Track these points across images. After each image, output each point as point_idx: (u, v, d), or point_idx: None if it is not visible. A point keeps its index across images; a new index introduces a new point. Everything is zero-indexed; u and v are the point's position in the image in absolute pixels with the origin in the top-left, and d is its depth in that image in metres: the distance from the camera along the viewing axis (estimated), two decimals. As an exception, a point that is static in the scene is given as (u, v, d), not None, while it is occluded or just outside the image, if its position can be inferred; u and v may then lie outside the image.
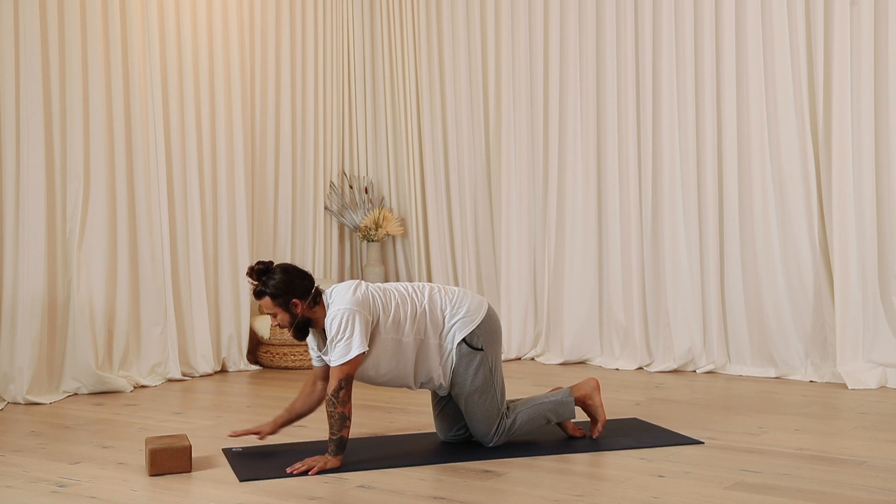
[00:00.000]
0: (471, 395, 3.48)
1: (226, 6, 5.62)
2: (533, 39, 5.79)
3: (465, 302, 3.51)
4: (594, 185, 5.63)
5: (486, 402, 3.49)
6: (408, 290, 3.49)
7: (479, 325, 3.48)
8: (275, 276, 3.36)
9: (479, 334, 3.48)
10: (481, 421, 3.50)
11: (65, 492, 3.09)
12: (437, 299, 3.49)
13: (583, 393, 3.69)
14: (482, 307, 3.53)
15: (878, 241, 4.83)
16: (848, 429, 3.88)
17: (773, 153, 5.07)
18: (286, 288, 3.34)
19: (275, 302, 3.35)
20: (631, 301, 5.50)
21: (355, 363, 3.29)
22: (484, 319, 3.50)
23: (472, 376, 3.46)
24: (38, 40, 4.75)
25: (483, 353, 3.48)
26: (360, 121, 6.48)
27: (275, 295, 3.34)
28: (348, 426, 3.30)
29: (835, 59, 4.82)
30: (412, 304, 3.44)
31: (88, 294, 4.95)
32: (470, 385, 3.47)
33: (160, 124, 5.27)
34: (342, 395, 3.27)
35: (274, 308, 3.37)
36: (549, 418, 3.63)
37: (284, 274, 3.37)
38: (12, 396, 4.64)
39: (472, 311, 3.50)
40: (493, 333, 3.52)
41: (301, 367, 5.63)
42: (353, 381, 3.30)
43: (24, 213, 4.72)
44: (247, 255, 5.66)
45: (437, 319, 3.46)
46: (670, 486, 3.03)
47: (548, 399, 3.64)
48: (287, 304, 3.35)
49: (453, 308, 3.48)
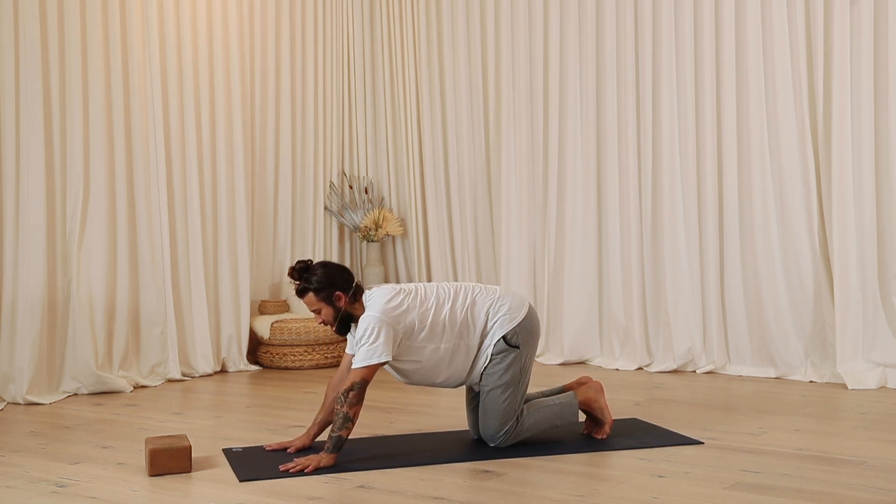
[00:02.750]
0: (495, 390, 3.49)
1: (226, 6, 5.62)
2: (533, 39, 5.79)
3: (506, 300, 3.55)
4: (594, 186, 5.63)
5: (508, 399, 3.49)
6: (450, 293, 3.51)
7: (519, 323, 3.51)
8: (316, 271, 3.42)
9: (519, 332, 3.51)
10: (496, 417, 3.50)
11: (65, 492, 3.09)
12: (479, 301, 3.53)
13: (586, 397, 3.69)
14: (524, 306, 3.57)
15: (878, 241, 4.83)
16: (848, 429, 3.88)
17: (772, 153, 5.07)
18: (329, 281, 3.40)
19: (318, 297, 3.41)
20: (631, 301, 5.50)
21: (373, 370, 3.33)
22: (525, 318, 3.53)
23: (503, 372, 3.48)
24: (38, 40, 4.75)
25: (518, 350, 3.50)
26: (360, 121, 6.48)
27: (318, 289, 3.40)
28: (349, 428, 3.30)
29: (835, 59, 4.82)
30: (452, 308, 3.47)
31: (88, 294, 4.95)
32: (497, 380, 3.49)
33: (160, 124, 5.27)
34: (352, 396, 3.29)
35: (318, 304, 3.42)
36: (554, 423, 3.63)
37: (325, 268, 3.43)
38: (12, 396, 4.64)
39: (513, 308, 3.53)
40: (531, 333, 3.56)
41: (301, 367, 5.63)
42: (366, 386, 3.33)
43: (24, 213, 4.72)
44: (247, 255, 5.66)
45: (479, 320, 3.50)
46: (670, 486, 3.03)
47: (553, 403, 3.64)
48: (330, 297, 3.40)
49: (495, 306, 3.52)
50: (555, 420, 3.62)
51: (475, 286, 3.58)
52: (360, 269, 6.48)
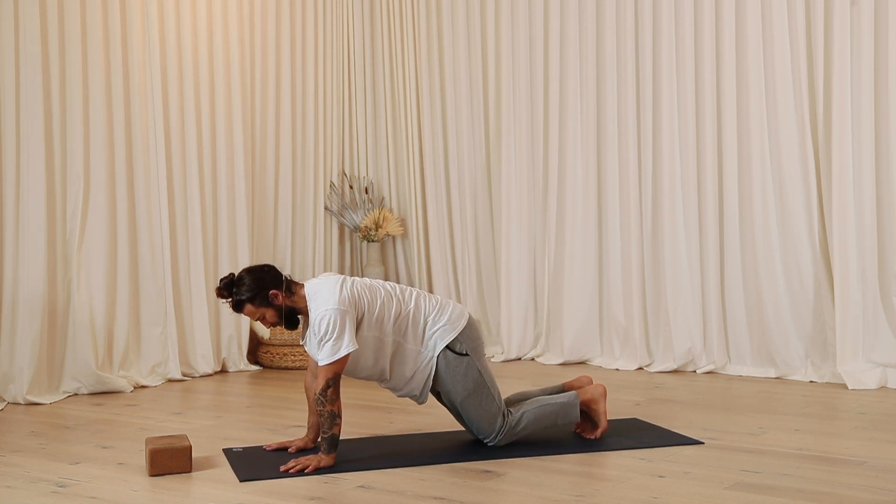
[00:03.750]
0: (466, 400, 3.49)
1: (226, 6, 5.62)
2: (533, 39, 5.79)
3: (446, 310, 3.52)
4: (594, 185, 5.63)
5: (483, 402, 3.49)
6: (395, 291, 3.49)
7: (461, 332, 3.48)
8: (243, 281, 3.35)
9: (462, 340, 3.48)
10: (482, 421, 3.51)
11: (65, 492, 3.09)
12: (421, 305, 3.49)
13: (589, 397, 3.69)
14: (463, 316, 3.54)
15: (878, 241, 4.83)
16: (848, 429, 3.89)
17: (773, 153, 5.07)
18: (259, 284, 3.34)
19: (255, 304, 3.34)
20: (631, 301, 5.50)
21: (342, 362, 3.29)
22: (466, 327, 3.51)
23: (463, 380, 3.47)
24: (38, 40, 4.74)
25: (468, 357, 3.48)
26: (360, 121, 6.48)
27: (252, 297, 3.33)
28: (339, 423, 3.30)
29: (835, 59, 4.82)
30: (398, 304, 3.44)
31: (88, 294, 4.95)
32: (462, 389, 3.47)
33: (160, 124, 5.27)
34: (329, 393, 3.27)
35: (258, 310, 3.35)
36: (555, 421, 3.63)
37: (250, 274, 3.37)
38: (12, 396, 4.64)
39: (453, 318, 3.50)
40: (475, 340, 3.53)
41: (301, 367, 5.63)
42: (340, 379, 3.30)
43: (24, 213, 4.72)
44: (247, 255, 5.66)
45: (418, 324, 3.46)
46: (670, 486, 3.03)
47: (555, 401, 3.64)
48: (267, 299, 3.34)
49: (437, 315, 3.49)
50: (556, 419, 3.62)
51: (418, 291, 3.54)
52: (360, 269, 6.48)
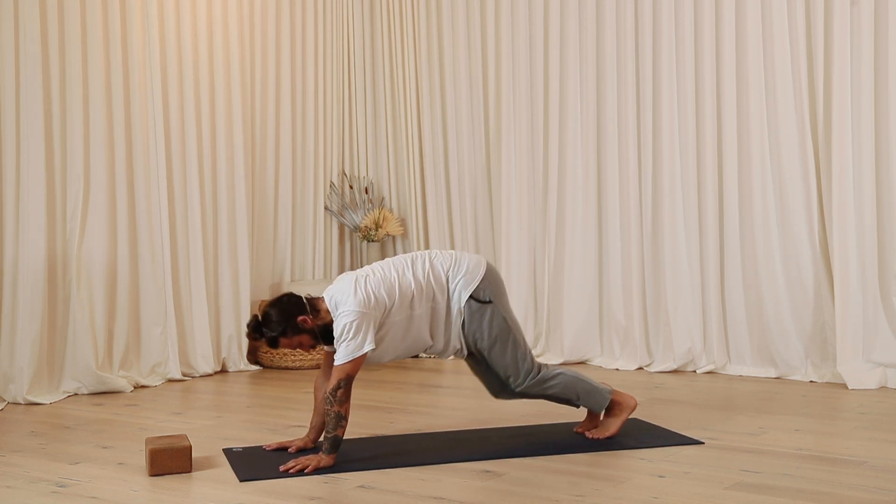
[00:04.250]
0: (492, 347, 3.49)
1: (226, 6, 5.62)
2: (533, 39, 5.79)
3: (463, 262, 3.54)
4: (594, 185, 5.63)
5: (509, 348, 3.50)
6: (408, 263, 3.50)
7: (482, 280, 3.50)
8: (269, 318, 3.36)
9: (484, 288, 3.50)
10: (510, 365, 3.51)
11: (65, 492, 3.09)
12: (437, 264, 3.52)
13: (619, 401, 3.70)
14: (481, 264, 3.56)
15: (878, 241, 4.83)
16: (848, 429, 3.89)
17: (773, 153, 5.06)
18: (286, 315, 3.35)
19: (288, 336, 3.37)
20: (631, 301, 5.50)
21: (358, 363, 3.30)
22: (486, 274, 3.53)
23: (489, 328, 3.48)
24: (38, 40, 4.74)
25: (492, 304, 3.50)
26: (360, 121, 6.47)
27: (283, 331, 3.35)
28: (344, 426, 3.30)
29: (835, 59, 4.82)
30: (415, 275, 3.45)
31: (88, 294, 4.95)
32: (488, 337, 3.48)
33: (160, 124, 5.27)
34: (340, 394, 3.27)
35: (292, 340, 3.38)
36: (581, 396, 3.63)
37: (274, 307, 3.38)
38: (12, 396, 4.64)
39: (472, 269, 3.52)
40: (496, 286, 3.55)
41: (301, 367, 5.63)
42: (352, 381, 3.30)
43: (24, 213, 4.72)
44: (247, 255, 5.66)
45: (441, 282, 3.48)
46: (670, 486, 3.04)
47: (591, 382, 3.66)
48: (297, 328, 3.36)
49: (455, 268, 3.51)
50: (582, 395, 3.63)
51: (429, 252, 3.57)
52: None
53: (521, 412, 4.21)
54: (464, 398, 4.65)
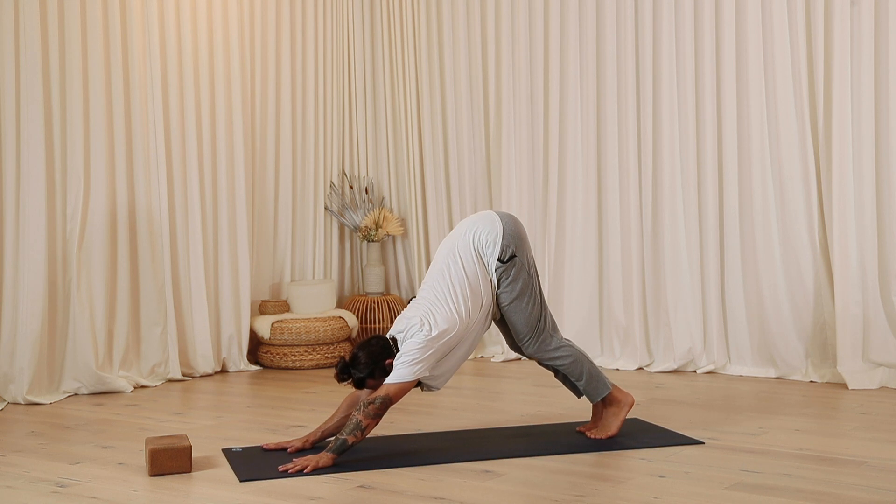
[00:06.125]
0: (514, 303, 3.57)
1: (226, 6, 5.62)
2: (533, 39, 5.79)
3: (480, 229, 3.57)
4: (594, 185, 5.63)
5: (527, 306, 3.57)
6: (445, 279, 3.52)
7: (502, 240, 3.55)
8: (358, 360, 3.43)
9: (506, 246, 3.55)
10: (523, 324, 3.58)
11: (65, 492, 3.09)
12: (463, 256, 3.54)
13: (618, 397, 3.72)
14: (494, 221, 3.59)
15: (878, 241, 4.83)
16: (848, 429, 3.89)
17: (773, 153, 5.06)
18: (373, 360, 3.43)
19: (375, 377, 3.43)
20: (631, 301, 5.50)
21: (405, 388, 3.36)
22: (503, 230, 3.57)
23: (512, 283, 3.55)
24: (38, 40, 4.74)
25: (516, 258, 3.56)
26: (360, 121, 6.47)
27: (371, 373, 3.43)
28: (358, 437, 3.32)
29: (835, 59, 4.82)
30: (455, 295, 3.49)
31: (88, 294, 4.95)
32: (511, 292, 3.56)
33: (160, 124, 5.27)
34: (372, 408, 3.31)
35: (378, 382, 3.43)
36: (585, 377, 3.66)
37: (363, 351, 3.45)
38: (12, 396, 4.64)
39: (490, 232, 3.57)
40: (516, 236, 3.60)
41: (301, 367, 5.63)
42: (391, 403, 3.34)
43: (24, 213, 4.72)
44: (247, 255, 5.66)
45: (476, 266, 3.54)
46: (670, 486, 3.04)
47: (596, 369, 3.71)
48: (384, 370, 3.43)
49: (477, 243, 3.55)
50: (586, 376, 3.66)
51: (448, 245, 3.60)
52: (360, 270, 6.48)
53: (521, 412, 4.21)
54: (464, 398, 4.65)
